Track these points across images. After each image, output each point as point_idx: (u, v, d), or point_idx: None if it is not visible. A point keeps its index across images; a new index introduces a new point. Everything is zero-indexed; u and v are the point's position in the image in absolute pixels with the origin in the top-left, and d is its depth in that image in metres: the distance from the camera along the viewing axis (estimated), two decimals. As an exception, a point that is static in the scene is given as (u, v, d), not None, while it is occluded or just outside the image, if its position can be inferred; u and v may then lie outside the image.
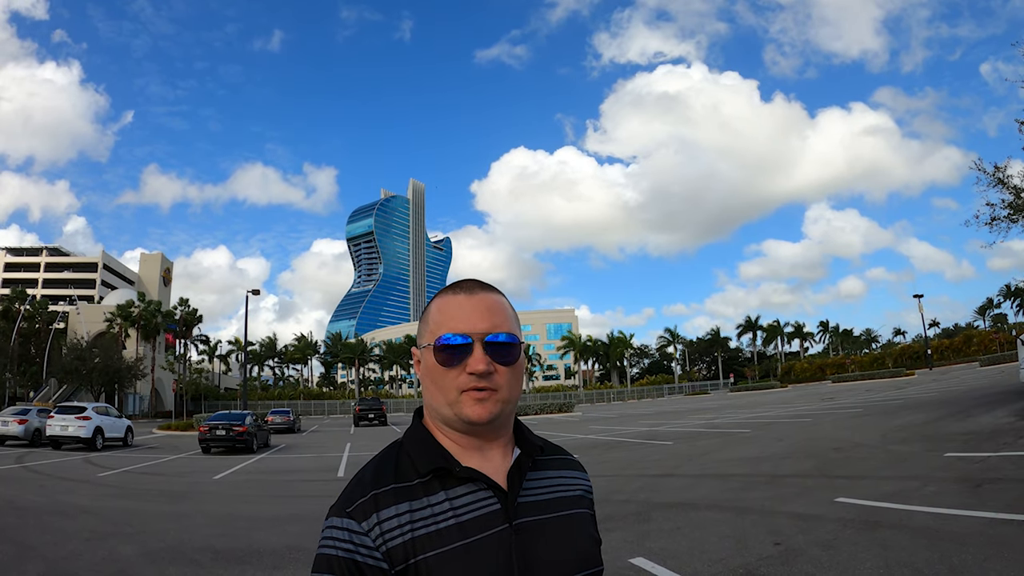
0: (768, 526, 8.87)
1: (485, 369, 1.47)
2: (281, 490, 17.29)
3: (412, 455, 1.52)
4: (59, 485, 17.57)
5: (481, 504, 1.45)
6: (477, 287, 1.59)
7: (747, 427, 26.70)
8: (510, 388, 1.53)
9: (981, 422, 18.38)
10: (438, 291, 1.64)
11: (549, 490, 1.58)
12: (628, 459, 19.32)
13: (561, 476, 1.65)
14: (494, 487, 1.48)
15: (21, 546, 9.51)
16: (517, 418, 1.66)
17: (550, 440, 1.70)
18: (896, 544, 7.37)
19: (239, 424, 29.83)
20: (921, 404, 28.03)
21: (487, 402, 1.48)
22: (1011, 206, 22.65)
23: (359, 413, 58.02)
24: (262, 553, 9.12)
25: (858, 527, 8.33)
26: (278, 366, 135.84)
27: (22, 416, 33.00)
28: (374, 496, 1.41)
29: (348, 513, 1.40)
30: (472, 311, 1.52)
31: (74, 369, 74.76)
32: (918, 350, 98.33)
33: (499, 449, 1.58)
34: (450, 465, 1.47)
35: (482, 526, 1.42)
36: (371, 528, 1.37)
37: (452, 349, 1.49)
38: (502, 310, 1.56)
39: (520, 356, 1.56)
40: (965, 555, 6.68)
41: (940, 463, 12.66)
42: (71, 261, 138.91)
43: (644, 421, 39.53)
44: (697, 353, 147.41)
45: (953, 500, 9.29)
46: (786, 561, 7.13)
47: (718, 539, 8.41)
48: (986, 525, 7.80)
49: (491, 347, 1.49)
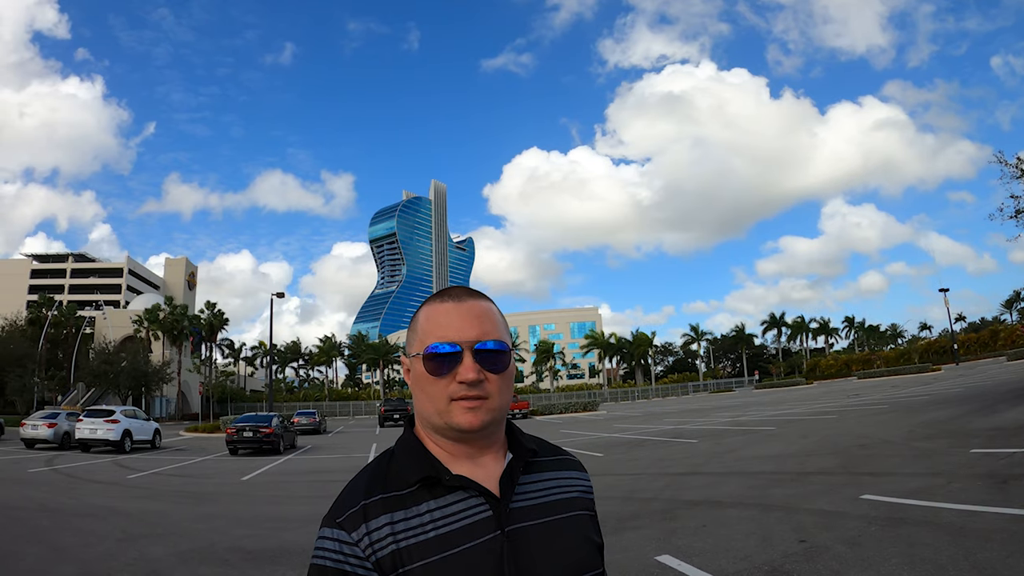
0: (793, 523, 8.88)
1: (475, 377, 1.46)
2: (309, 491, 17.41)
3: (402, 464, 1.52)
4: (89, 487, 17.81)
5: (472, 512, 1.45)
6: (465, 294, 1.58)
7: (772, 424, 26.63)
8: (501, 395, 1.52)
9: (1007, 418, 18.25)
10: (426, 299, 1.63)
11: (543, 493, 1.58)
12: (653, 457, 19.36)
13: (557, 477, 1.64)
14: (485, 494, 1.47)
15: (55, 547, 9.67)
16: (510, 420, 1.65)
17: (561, 441, 1.66)
18: (920, 541, 7.35)
19: (266, 426, 30.07)
20: (947, 400, 27.85)
21: (478, 411, 1.48)
22: (1035, 198, 22.51)
23: (384, 414, 58.26)
24: (292, 553, 9.26)
25: (883, 524, 8.31)
26: (302, 368, 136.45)
27: (51, 420, 33.41)
28: (363, 507, 1.42)
29: (338, 524, 1.42)
30: (461, 319, 1.52)
31: (102, 373, 75.33)
32: (944, 345, 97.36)
33: (491, 455, 1.57)
34: (439, 474, 1.47)
35: (472, 534, 1.42)
36: (360, 538, 1.38)
37: (441, 358, 1.49)
38: (491, 317, 1.56)
39: (510, 363, 1.55)
40: (989, 552, 6.67)
41: (965, 459, 12.58)
42: (97, 267, 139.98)
43: (669, 419, 39.53)
44: (721, 350, 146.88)
45: (978, 497, 9.24)
46: (811, 558, 7.15)
47: (743, 536, 8.44)
48: (1010, 522, 7.76)
49: (481, 355, 1.49)
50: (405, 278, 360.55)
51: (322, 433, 49.74)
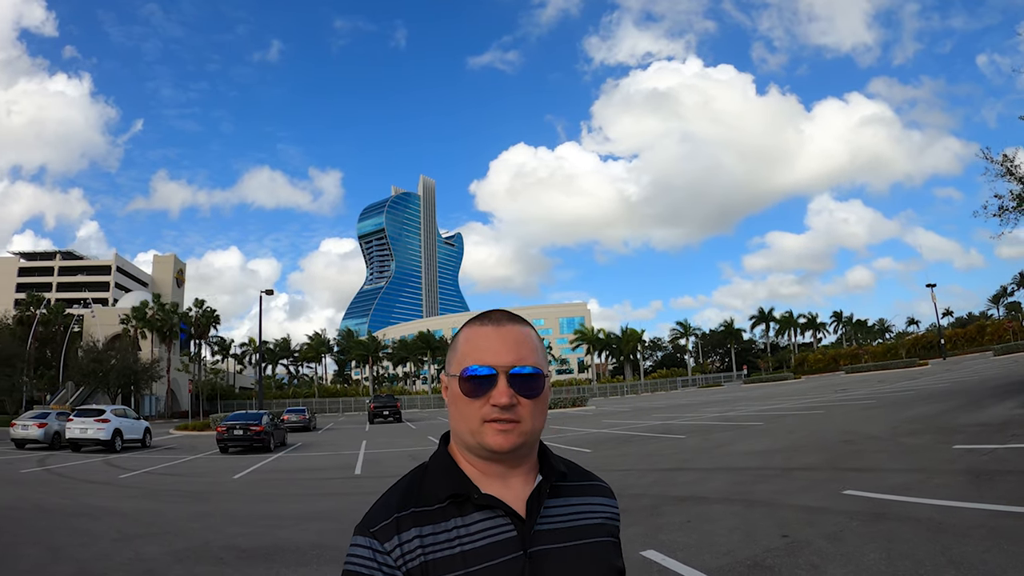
0: (776, 519, 9.06)
1: (508, 402, 1.49)
2: (300, 488, 17.51)
3: (434, 480, 1.55)
4: (82, 487, 17.90)
5: (497, 531, 1.47)
6: (505, 319, 1.61)
7: (760, 420, 26.82)
8: (533, 420, 1.54)
9: (991, 413, 18.39)
10: (467, 321, 1.66)
11: (569, 518, 1.58)
12: (641, 453, 19.55)
13: (584, 503, 1.64)
14: (511, 514, 1.49)
15: (51, 548, 9.75)
16: (542, 443, 1.67)
17: (550, 437, 1.71)
18: (900, 536, 7.51)
19: (256, 424, 30.10)
20: (933, 395, 28.04)
21: (510, 433, 1.50)
22: (1019, 197, 22.68)
23: (374, 411, 58.41)
24: (286, 551, 9.36)
25: (864, 519, 8.47)
26: (292, 364, 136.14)
27: (41, 420, 33.43)
28: (396, 519, 1.46)
29: (372, 533, 1.45)
30: (499, 343, 1.54)
31: (91, 371, 75.07)
32: (932, 340, 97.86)
33: (521, 476, 1.59)
34: (468, 491, 1.50)
35: (495, 552, 1.44)
36: (393, 549, 1.42)
37: (477, 380, 1.52)
38: (528, 343, 1.58)
39: (545, 388, 1.57)
40: (966, 547, 6.81)
41: (948, 455, 12.74)
42: (85, 264, 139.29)
43: (657, 414, 39.68)
44: (710, 345, 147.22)
45: (958, 493, 9.40)
46: (792, 553, 7.32)
47: (727, 532, 8.61)
48: (989, 518, 7.89)
49: (515, 379, 1.51)
50: (394, 274, 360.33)
51: (312, 430, 49.98)
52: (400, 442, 32.01)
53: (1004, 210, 23.11)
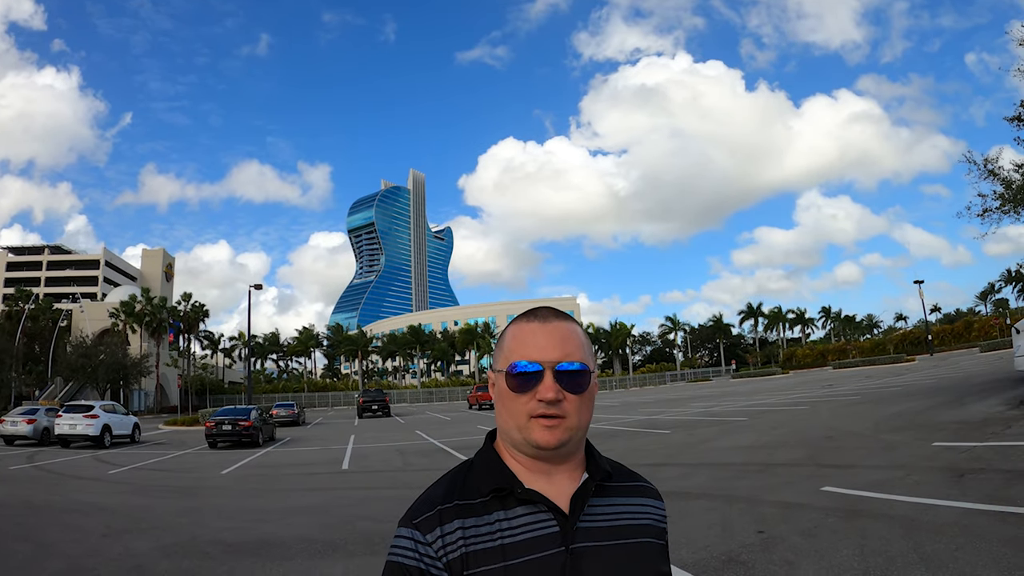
0: (754, 514, 9.22)
1: (554, 397, 1.50)
2: (288, 483, 17.63)
3: (478, 475, 1.58)
4: (71, 483, 18.00)
5: (539, 525, 1.49)
6: (552, 315, 1.62)
7: (745, 415, 27.04)
8: (579, 415, 1.55)
9: (973, 411, 18.53)
10: (514, 317, 1.68)
11: (613, 517, 1.58)
12: (626, 448, 19.70)
13: (629, 503, 1.64)
14: (555, 510, 1.50)
15: (41, 544, 9.89)
16: (589, 442, 1.68)
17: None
18: (874, 533, 7.65)
19: (244, 419, 30.21)
20: (918, 392, 28.25)
21: (556, 429, 1.51)
22: (1002, 197, 22.89)
23: (363, 405, 58.51)
24: (272, 545, 9.52)
25: (840, 516, 8.63)
26: (281, 359, 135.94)
27: (31, 416, 33.46)
28: (439, 511, 1.49)
29: (415, 524, 1.48)
30: (545, 340, 1.56)
31: (79, 367, 74.85)
32: (919, 336, 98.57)
33: (566, 473, 1.60)
34: (512, 486, 1.52)
35: (536, 547, 1.45)
36: (435, 540, 1.45)
37: (524, 376, 1.53)
38: (575, 339, 1.59)
39: (591, 384, 1.59)
40: (938, 544, 6.93)
41: (927, 453, 12.87)
42: (73, 259, 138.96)
43: (645, 409, 39.91)
44: (699, 340, 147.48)
45: (934, 490, 9.51)
46: (767, 548, 7.47)
47: (705, 527, 8.75)
48: (962, 515, 8.00)
49: (562, 375, 1.53)
50: (384, 268, 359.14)
51: (301, 425, 50.04)
52: (388, 437, 32.12)
53: (987, 210, 23.33)
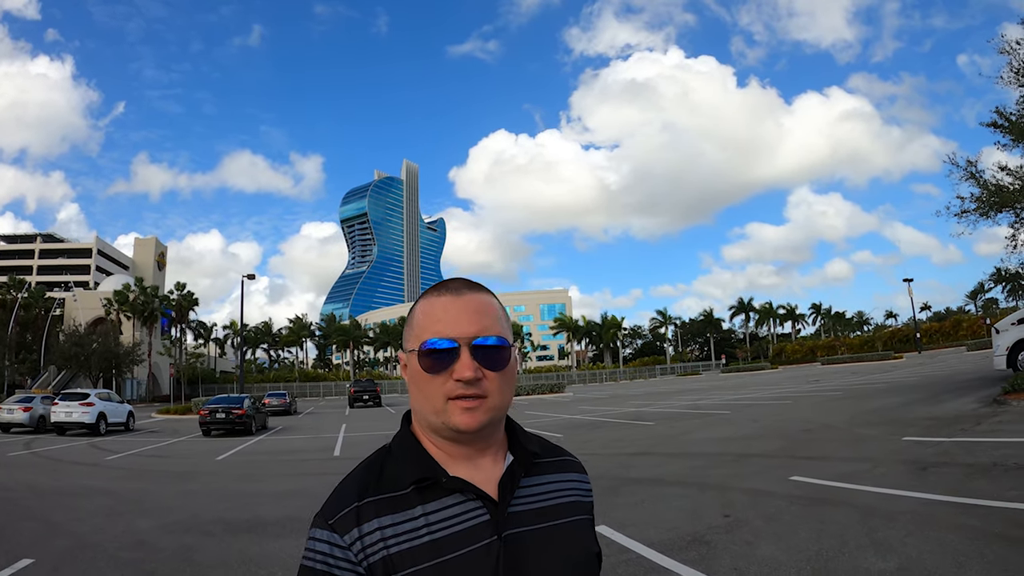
0: (723, 500, 9.72)
1: (472, 376, 1.39)
2: (281, 469, 18.06)
3: (398, 463, 1.46)
4: (71, 469, 18.42)
5: (469, 515, 1.39)
6: (464, 287, 1.50)
7: (728, 409, 27.52)
8: (501, 394, 1.45)
9: (947, 407, 18.92)
10: (423, 291, 1.56)
11: (542, 497, 1.51)
12: (609, 439, 20.19)
13: (557, 480, 1.57)
14: (483, 497, 1.41)
15: (47, 523, 10.35)
16: (510, 418, 1.58)
17: (525, 423, 1.67)
18: (832, 519, 8.10)
19: (238, 407, 30.64)
20: (900, 388, 28.82)
21: (476, 411, 1.40)
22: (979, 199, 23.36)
23: (354, 395, 59.06)
24: (267, 524, 10.08)
25: (804, 503, 9.10)
26: (273, 349, 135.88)
27: (26, 404, 33.70)
28: (356, 508, 1.37)
29: (331, 525, 1.36)
30: (459, 313, 1.44)
31: (72, 355, 75.14)
32: (908, 333, 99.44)
33: (490, 457, 1.51)
34: (436, 475, 1.41)
35: (468, 539, 1.36)
36: (353, 542, 1.33)
37: (438, 354, 1.41)
38: (491, 311, 1.48)
39: (511, 359, 1.47)
40: (890, 531, 7.36)
41: (897, 446, 13.29)
42: (66, 248, 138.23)
43: (632, 402, 40.31)
44: (690, 334, 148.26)
45: (897, 481, 9.93)
46: (731, 530, 7.98)
47: (676, 511, 9.26)
48: (920, 505, 8.40)
49: (479, 351, 1.41)
50: (376, 258, 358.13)
51: (293, 414, 50.40)
52: (379, 426, 32.42)
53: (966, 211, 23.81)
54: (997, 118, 23.13)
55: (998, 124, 23.11)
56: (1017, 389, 17.58)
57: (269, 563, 7.80)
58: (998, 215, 23.43)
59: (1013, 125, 22.65)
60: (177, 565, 7.79)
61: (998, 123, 23.11)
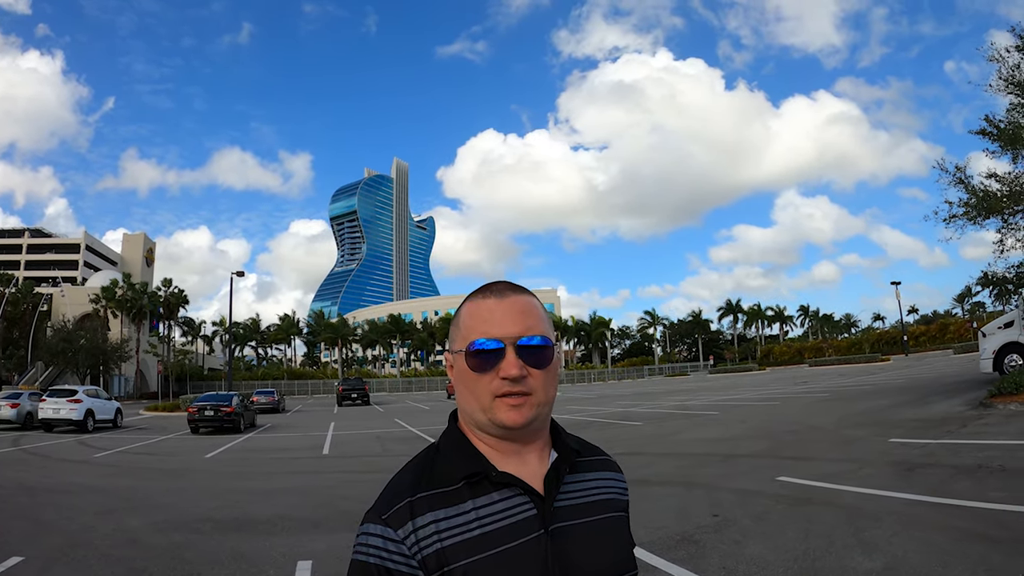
0: (711, 500, 9.81)
1: (518, 374, 1.44)
2: (270, 467, 17.98)
3: (448, 460, 1.51)
4: (60, 466, 18.36)
5: (517, 509, 1.44)
6: (508, 290, 1.55)
7: (716, 409, 27.62)
8: (545, 391, 1.50)
9: (934, 410, 19.05)
10: (468, 295, 1.61)
11: (586, 493, 1.56)
12: (597, 439, 19.60)
13: (597, 478, 1.62)
14: (530, 492, 1.46)
15: (37, 522, 10.35)
16: (553, 419, 1.62)
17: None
18: (819, 519, 8.20)
19: (226, 405, 30.58)
20: (886, 390, 28.97)
21: (522, 407, 1.45)
22: (967, 205, 23.48)
23: (342, 393, 58.79)
24: (256, 522, 10.09)
25: (790, 503, 9.20)
26: (261, 346, 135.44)
27: (14, 400, 33.55)
28: (409, 503, 1.40)
29: (384, 520, 1.39)
30: (504, 315, 1.49)
31: (60, 351, 74.84)
32: (895, 336, 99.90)
33: (536, 453, 1.55)
34: (486, 470, 1.46)
35: (517, 532, 1.40)
36: (407, 536, 1.37)
37: (485, 354, 1.47)
38: (534, 312, 1.53)
39: (554, 358, 1.52)
40: (876, 531, 7.45)
41: (883, 448, 13.41)
42: (54, 243, 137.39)
43: (620, 402, 40.40)
44: (678, 335, 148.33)
45: (883, 482, 10.04)
46: (719, 529, 8.06)
47: (664, 510, 9.30)
48: (904, 506, 8.51)
49: (524, 351, 1.47)
50: (365, 256, 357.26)
51: (281, 412, 50.24)
52: (367, 424, 32.49)
53: (953, 216, 23.92)
54: (986, 125, 23.25)
55: (987, 131, 23.24)
56: (1003, 392, 17.71)
57: (260, 560, 7.83)
58: (986, 221, 23.54)
59: (1002, 132, 22.77)
60: (168, 563, 7.79)
61: (987, 130, 23.24)
